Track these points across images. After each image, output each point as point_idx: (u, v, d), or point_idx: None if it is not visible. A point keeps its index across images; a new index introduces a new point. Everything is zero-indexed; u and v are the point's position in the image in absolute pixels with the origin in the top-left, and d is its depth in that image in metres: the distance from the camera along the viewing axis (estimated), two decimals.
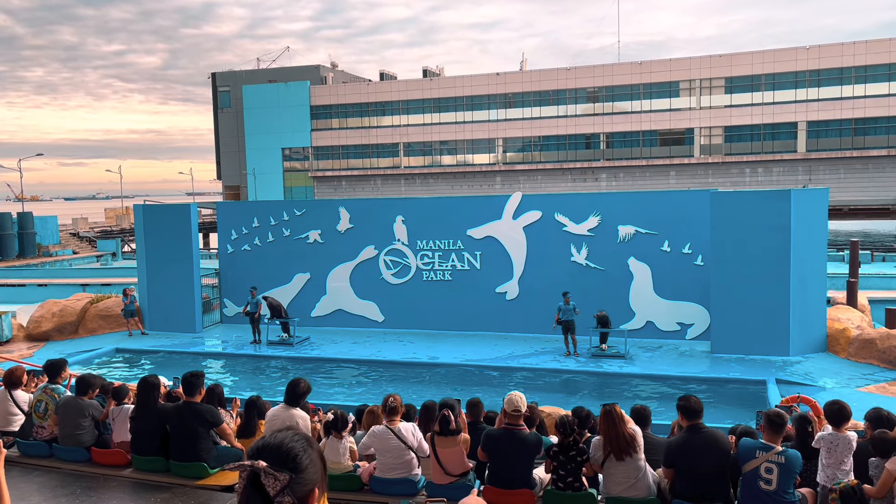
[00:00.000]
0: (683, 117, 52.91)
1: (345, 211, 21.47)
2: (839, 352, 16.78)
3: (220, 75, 68.76)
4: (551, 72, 56.02)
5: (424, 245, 20.74)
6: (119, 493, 6.87)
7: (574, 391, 15.42)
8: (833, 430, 6.08)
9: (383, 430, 6.56)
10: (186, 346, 19.55)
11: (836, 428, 6.09)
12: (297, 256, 21.74)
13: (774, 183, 50.04)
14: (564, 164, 56.05)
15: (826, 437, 6.03)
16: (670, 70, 52.81)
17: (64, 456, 7.57)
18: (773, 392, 13.75)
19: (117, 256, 47.70)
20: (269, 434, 2.08)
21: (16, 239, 44.38)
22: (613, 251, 19.01)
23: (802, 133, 50.35)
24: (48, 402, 7.83)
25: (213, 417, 7.22)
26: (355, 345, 19.25)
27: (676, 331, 18.75)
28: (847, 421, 6.14)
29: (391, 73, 71.43)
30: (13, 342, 20.28)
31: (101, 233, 55.80)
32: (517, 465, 6.28)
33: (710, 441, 5.92)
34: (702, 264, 18.24)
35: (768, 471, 5.50)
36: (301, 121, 61.84)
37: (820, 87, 49.46)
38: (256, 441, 2.15)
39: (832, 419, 6.14)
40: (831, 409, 6.16)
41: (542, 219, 19.66)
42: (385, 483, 6.58)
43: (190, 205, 22.22)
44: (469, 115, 58.11)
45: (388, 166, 61.08)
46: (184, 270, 21.30)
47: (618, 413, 6.10)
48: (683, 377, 15.43)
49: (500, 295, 20.12)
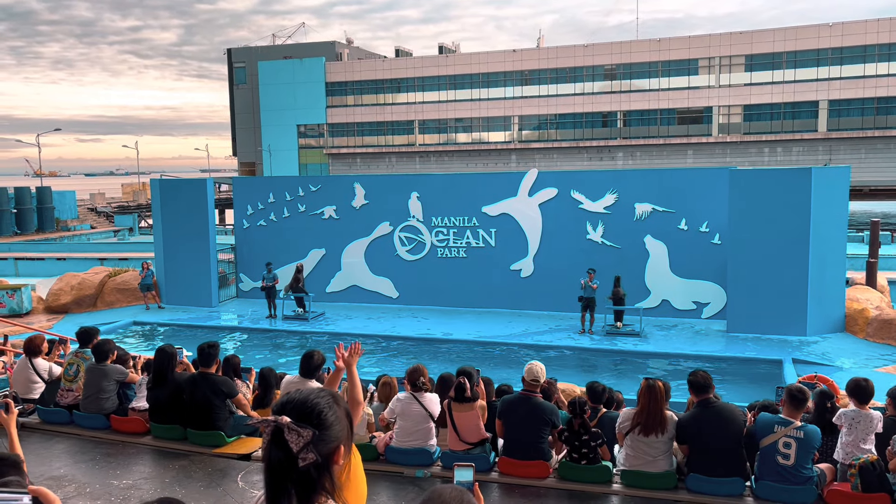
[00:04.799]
0: (702, 95, 52.24)
1: (360, 187, 21.43)
2: (857, 332, 16.62)
3: (236, 51, 68.62)
4: (568, 49, 55.41)
5: (439, 222, 20.69)
6: (138, 459, 6.96)
7: (589, 369, 15.41)
8: (856, 407, 6.00)
9: (407, 396, 6.65)
10: (203, 320, 19.70)
11: (860, 405, 6.00)
12: (313, 232, 21.77)
13: (794, 162, 49.41)
14: (581, 142, 55.61)
15: (848, 413, 5.95)
16: (689, 47, 52.06)
17: (84, 423, 7.66)
18: (789, 372, 13.67)
19: (134, 231, 48.08)
20: (295, 391, 2.04)
21: (35, 213, 44.83)
22: (630, 229, 18.87)
23: (823, 112, 49.58)
24: (80, 365, 7.93)
25: (229, 388, 7.27)
26: (370, 320, 19.32)
27: (692, 310, 18.64)
28: (870, 398, 6.05)
29: (406, 50, 71.00)
30: (33, 314, 20.55)
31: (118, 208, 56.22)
32: (531, 433, 6.30)
33: (721, 414, 5.89)
34: (719, 243, 18.08)
35: (786, 445, 5.46)
36: (316, 97, 61.68)
37: (842, 66, 48.59)
38: (281, 397, 2.12)
39: (856, 396, 6.04)
40: (856, 385, 6.05)
41: (558, 196, 19.52)
42: (401, 453, 6.62)
43: (206, 180, 22.27)
44: (485, 92, 57.69)
45: (402, 143, 60.89)
46: (200, 245, 21.41)
47: (660, 389, 6.05)
48: (698, 356, 15.37)
49: (515, 272, 20.07)
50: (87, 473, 6.50)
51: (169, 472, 6.55)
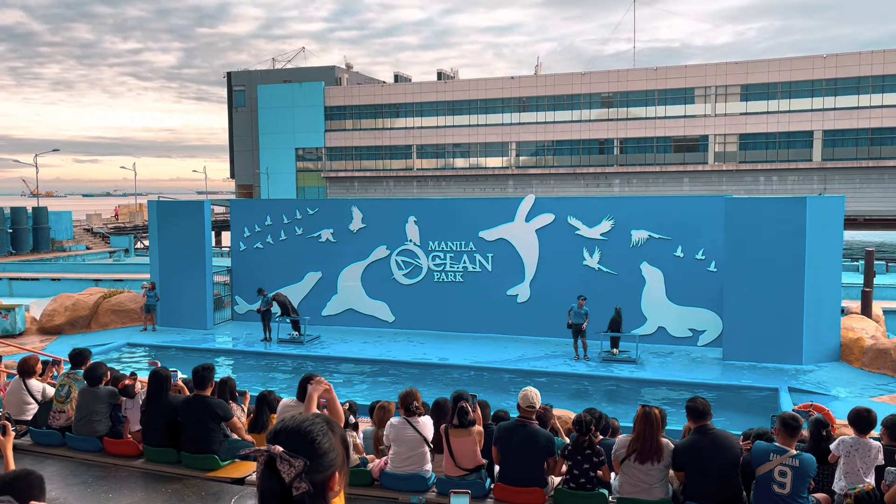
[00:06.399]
0: (698, 124, 52.70)
1: (357, 210, 21.50)
2: (853, 361, 16.63)
3: (236, 75, 69.12)
4: (566, 76, 55.96)
5: (436, 246, 20.74)
6: (130, 483, 6.90)
7: (584, 395, 15.35)
8: (855, 436, 5.98)
9: (401, 421, 6.61)
10: (197, 343, 19.62)
11: (860, 434, 5.97)
12: (309, 255, 21.78)
13: (789, 191, 49.71)
14: (577, 168, 55.93)
15: (847, 441, 5.92)
16: (685, 76, 52.62)
17: (77, 445, 7.60)
18: (785, 400, 13.64)
19: (130, 253, 47.98)
20: (289, 417, 2.04)
21: (31, 233, 44.73)
22: (626, 255, 18.93)
23: (818, 142, 50.03)
24: (71, 386, 7.88)
25: (224, 411, 7.23)
26: (365, 344, 19.26)
27: (688, 337, 18.64)
28: (871, 428, 6.02)
29: (405, 76, 71.58)
30: (26, 335, 20.44)
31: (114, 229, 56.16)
32: (528, 460, 6.26)
33: (717, 442, 5.87)
34: (715, 270, 18.13)
35: (782, 474, 5.45)
36: (315, 121, 62.04)
37: (837, 96, 49.13)
38: (276, 423, 2.12)
39: (856, 425, 6.01)
40: (857, 414, 6.02)
41: (555, 222, 19.61)
42: (395, 479, 6.57)
43: (203, 202, 22.33)
44: (483, 118, 58.12)
45: (400, 168, 61.16)
46: (196, 267, 21.39)
47: (657, 416, 6.02)
48: (694, 383, 15.34)
49: (512, 297, 20.08)
50: (79, 497, 6.43)
51: (162, 496, 6.49)
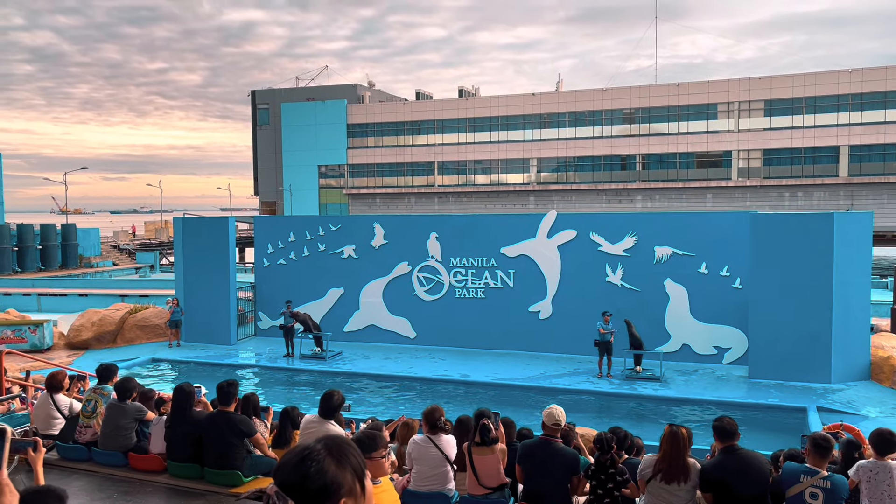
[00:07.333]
0: (721, 140, 52.32)
1: (379, 227, 21.59)
2: (883, 380, 16.29)
3: (260, 93, 70.04)
4: (587, 92, 55.93)
5: (458, 262, 20.74)
6: (155, 497, 6.93)
7: (608, 413, 15.19)
8: (875, 458, 5.83)
9: (423, 439, 6.57)
10: (221, 358, 19.76)
11: (879, 456, 5.82)
12: (332, 271, 21.89)
13: (815, 207, 49.07)
14: (599, 184, 55.73)
15: (866, 465, 5.76)
16: (708, 92, 52.35)
17: (102, 460, 7.66)
18: (814, 420, 13.39)
19: (155, 269, 48.58)
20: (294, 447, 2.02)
21: (59, 250, 45.53)
22: (649, 272, 18.78)
23: (844, 157, 49.38)
24: (98, 401, 7.96)
25: (247, 427, 7.25)
26: (387, 360, 19.26)
27: (713, 354, 18.40)
28: (893, 450, 5.86)
29: (427, 93, 72.05)
30: (54, 350, 20.73)
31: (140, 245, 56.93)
32: (552, 478, 6.20)
33: (746, 462, 5.73)
34: (740, 287, 17.92)
35: (813, 496, 5.33)
36: (337, 139, 62.59)
37: (863, 111, 48.53)
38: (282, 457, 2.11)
39: (877, 446, 5.84)
40: (880, 435, 5.85)
41: (577, 238, 19.53)
42: (418, 497, 6.53)
43: (228, 218, 22.58)
44: (504, 134, 58.22)
45: (422, 185, 61.39)
46: (220, 283, 21.59)
47: (684, 436, 5.92)
48: (720, 402, 15.12)
49: (534, 314, 19.99)
50: None
51: None
